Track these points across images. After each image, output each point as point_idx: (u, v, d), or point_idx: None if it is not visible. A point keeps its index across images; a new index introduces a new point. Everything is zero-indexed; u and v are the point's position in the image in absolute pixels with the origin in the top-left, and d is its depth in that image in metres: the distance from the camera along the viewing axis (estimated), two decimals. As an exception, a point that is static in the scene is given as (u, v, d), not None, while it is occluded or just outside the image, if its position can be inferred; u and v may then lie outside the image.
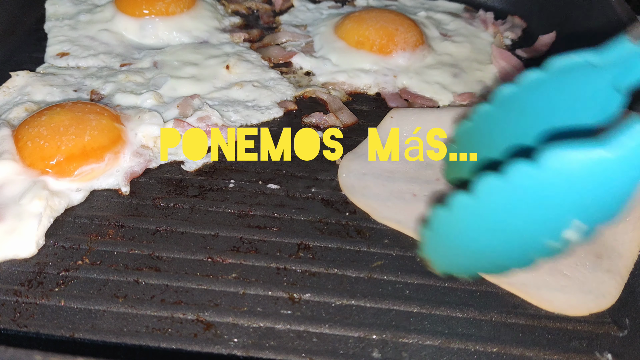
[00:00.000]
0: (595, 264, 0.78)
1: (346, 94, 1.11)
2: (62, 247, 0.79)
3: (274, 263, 0.79)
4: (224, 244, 0.81)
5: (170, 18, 1.19)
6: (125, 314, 0.72)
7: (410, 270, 0.79)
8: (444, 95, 1.10)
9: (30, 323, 0.70)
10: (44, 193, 0.81)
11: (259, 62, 1.14)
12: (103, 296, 0.73)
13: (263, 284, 0.76)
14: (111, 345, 0.69)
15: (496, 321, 0.74)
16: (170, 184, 0.89)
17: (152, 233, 0.82)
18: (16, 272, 0.76)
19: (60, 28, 1.18)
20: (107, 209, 0.85)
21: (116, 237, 0.81)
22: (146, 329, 0.70)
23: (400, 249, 0.82)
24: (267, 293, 0.75)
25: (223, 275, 0.77)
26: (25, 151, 0.84)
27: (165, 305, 0.73)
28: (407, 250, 0.81)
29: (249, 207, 0.86)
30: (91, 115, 0.88)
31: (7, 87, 1.01)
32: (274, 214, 0.85)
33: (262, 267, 0.78)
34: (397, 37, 1.16)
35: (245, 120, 1.01)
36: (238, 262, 0.78)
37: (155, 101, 1.00)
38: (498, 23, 1.31)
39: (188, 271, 0.77)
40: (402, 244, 0.82)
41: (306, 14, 1.32)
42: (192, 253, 0.79)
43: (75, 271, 0.76)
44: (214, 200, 0.87)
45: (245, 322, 0.72)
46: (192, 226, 0.83)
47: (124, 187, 0.87)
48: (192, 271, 0.77)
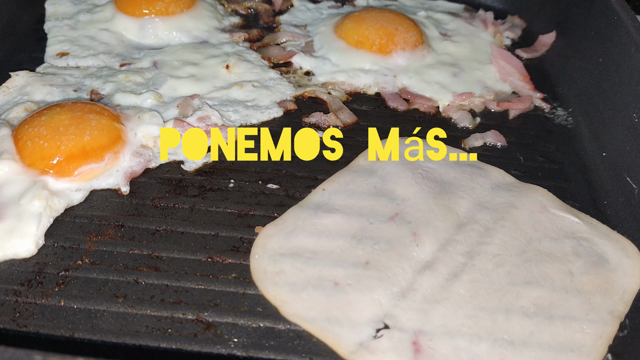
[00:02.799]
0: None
1: (346, 93, 1.10)
2: (61, 247, 0.79)
3: (274, 263, 0.78)
4: (224, 244, 0.81)
5: (170, 18, 1.19)
6: (125, 314, 0.71)
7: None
8: (443, 95, 1.10)
9: (30, 323, 0.70)
10: (44, 193, 0.81)
11: (258, 61, 1.14)
12: (103, 296, 0.73)
13: (263, 284, 0.76)
14: (111, 345, 0.69)
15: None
16: (170, 183, 0.89)
17: (152, 233, 0.82)
18: (16, 272, 0.76)
19: (60, 28, 1.18)
20: (106, 209, 0.85)
21: (116, 237, 0.81)
22: (146, 329, 0.70)
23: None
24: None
25: (223, 275, 0.77)
26: (25, 151, 0.84)
27: (165, 305, 0.73)
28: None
29: (249, 207, 0.86)
30: (91, 115, 0.88)
31: (6, 87, 1.01)
32: (274, 213, 0.85)
33: (262, 267, 0.78)
34: (397, 36, 1.16)
35: (245, 120, 1.01)
36: (238, 262, 0.78)
37: (155, 101, 1.00)
38: (498, 23, 1.31)
39: (188, 271, 0.77)
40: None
41: (306, 13, 1.32)
42: (192, 253, 0.79)
43: (75, 271, 0.76)
44: (214, 200, 0.87)
45: (245, 322, 0.72)
46: (192, 226, 0.83)
47: (124, 187, 0.87)
48: (192, 271, 0.77)
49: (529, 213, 0.85)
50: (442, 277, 0.75)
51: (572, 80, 1.14)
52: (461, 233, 0.81)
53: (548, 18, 1.30)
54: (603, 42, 1.06)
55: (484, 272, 0.76)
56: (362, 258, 0.77)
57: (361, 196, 0.86)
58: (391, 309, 0.72)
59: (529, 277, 0.76)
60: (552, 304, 0.74)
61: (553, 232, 0.83)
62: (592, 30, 1.11)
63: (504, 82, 1.15)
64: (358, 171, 0.91)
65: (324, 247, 0.78)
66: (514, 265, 0.78)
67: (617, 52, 1.01)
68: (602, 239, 0.82)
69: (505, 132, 1.04)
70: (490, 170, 0.93)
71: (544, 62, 1.24)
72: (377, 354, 0.68)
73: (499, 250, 0.79)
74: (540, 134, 1.06)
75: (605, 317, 0.73)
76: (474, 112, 1.09)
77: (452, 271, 0.76)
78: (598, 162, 0.99)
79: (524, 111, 1.10)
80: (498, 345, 0.69)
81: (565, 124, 1.09)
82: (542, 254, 0.79)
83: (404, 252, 0.78)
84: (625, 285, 0.77)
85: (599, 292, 0.76)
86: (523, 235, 0.82)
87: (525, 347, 0.69)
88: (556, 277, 0.77)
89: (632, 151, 0.92)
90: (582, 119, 1.07)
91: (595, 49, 1.08)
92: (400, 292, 0.74)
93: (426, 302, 0.73)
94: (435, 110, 1.09)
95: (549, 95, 1.14)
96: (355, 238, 0.80)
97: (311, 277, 0.75)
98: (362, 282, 0.75)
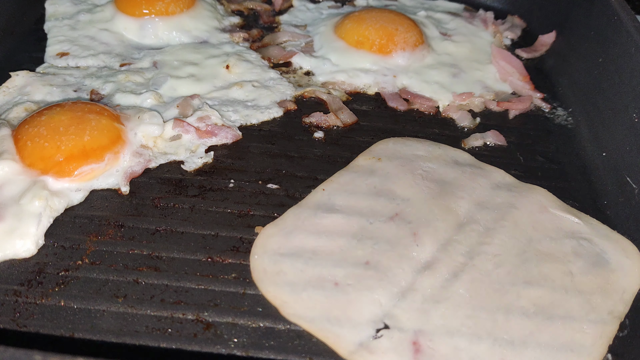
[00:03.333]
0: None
1: (346, 93, 1.10)
2: (61, 247, 0.79)
3: (274, 263, 0.78)
4: (224, 244, 0.81)
5: (170, 18, 1.18)
6: (125, 314, 0.71)
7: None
8: (443, 95, 1.10)
9: (30, 323, 0.70)
10: (44, 193, 0.81)
11: (258, 61, 1.14)
12: (103, 296, 0.73)
13: (263, 284, 0.76)
14: (111, 345, 0.69)
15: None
16: (170, 183, 0.89)
17: (152, 233, 0.82)
18: (16, 272, 0.76)
19: (60, 28, 1.18)
20: (106, 209, 0.85)
21: (116, 237, 0.81)
22: (146, 329, 0.70)
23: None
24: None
25: (223, 275, 0.77)
26: (25, 151, 0.84)
27: (165, 305, 0.73)
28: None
29: (249, 207, 0.86)
30: (91, 115, 0.88)
31: (6, 87, 1.01)
32: (274, 213, 0.85)
33: (262, 267, 0.78)
34: (397, 36, 1.16)
35: (245, 120, 1.01)
36: (238, 262, 0.78)
37: (155, 101, 1.00)
38: (498, 23, 1.31)
39: (188, 271, 0.77)
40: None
41: (306, 13, 1.32)
42: (191, 253, 0.79)
43: (75, 271, 0.76)
44: (213, 200, 0.87)
45: (245, 322, 0.72)
46: (191, 226, 0.83)
47: (124, 187, 0.87)
48: (192, 271, 0.77)
49: (529, 213, 0.85)
50: (442, 277, 0.76)
51: (572, 80, 1.14)
52: (461, 233, 0.81)
53: (548, 18, 1.30)
54: (603, 42, 1.06)
55: (484, 272, 0.76)
56: (362, 258, 0.77)
57: (361, 196, 0.86)
58: (391, 309, 0.72)
59: (529, 277, 0.76)
60: (552, 304, 0.74)
61: (553, 232, 0.83)
62: (592, 30, 1.11)
63: (504, 82, 1.15)
64: (358, 171, 0.91)
65: (324, 247, 0.78)
66: (514, 265, 0.78)
67: (617, 52, 1.01)
68: (601, 239, 0.82)
69: (505, 132, 1.04)
70: (490, 171, 0.93)
71: (544, 62, 1.24)
72: (377, 354, 0.68)
73: (499, 250, 0.79)
74: (540, 134, 1.06)
75: (605, 317, 0.73)
76: (474, 112, 1.09)
77: (452, 271, 0.76)
78: (598, 162, 0.99)
79: (524, 111, 1.10)
80: (498, 345, 0.69)
81: (565, 124, 1.09)
82: (542, 254, 0.79)
83: (404, 252, 0.78)
84: (625, 286, 0.77)
85: (598, 292, 0.76)
86: (523, 235, 0.82)
87: (525, 347, 0.70)
88: (556, 277, 0.77)
89: (632, 151, 0.92)
90: (582, 119, 1.07)
91: (595, 49, 1.08)
92: (400, 292, 0.74)
93: (426, 302, 0.73)
94: (435, 110, 1.09)
95: (549, 95, 1.14)
96: (355, 238, 0.80)
97: (311, 277, 0.75)
98: (362, 282, 0.75)
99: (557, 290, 0.75)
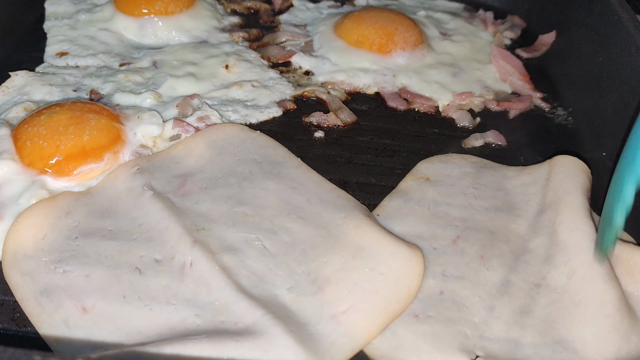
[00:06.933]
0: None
1: (345, 93, 1.10)
2: (61, 246, 0.79)
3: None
4: (223, 243, 0.81)
5: (169, 17, 1.18)
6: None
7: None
8: (443, 95, 1.10)
9: (30, 323, 0.70)
10: (43, 192, 0.80)
11: (258, 61, 1.14)
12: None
13: (262, 284, 0.76)
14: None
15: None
16: (170, 183, 0.89)
17: (152, 233, 0.81)
18: (15, 271, 0.75)
19: (60, 27, 1.18)
20: (106, 209, 0.85)
21: (115, 236, 0.81)
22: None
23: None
24: (266, 293, 0.75)
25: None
26: (24, 151, 0.84)
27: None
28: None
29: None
30: (90, 114, 0.88)
31: (6, 86, 1.01)
32: (273, 213, 0.85)
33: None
34: (397, 36, 1.16)
35: (245, 119, 1.01)
36: (237, 262, 0.78)
37: (155, 101, 1.00)
38: (498, 22, 1.31)
39: (187, 271, 0.77)
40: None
41: (306, 13, 1.32)
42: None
43: (75, 271, 0.76)
44: (213, 199, 0.87)
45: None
46: (191, 226, 0.83)
47: (123, 186, 0.87)
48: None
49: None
50: (520, 302, 0.72)
51: (572, 80, 1.14)
52: (527, 253, 0.78)
53: (548, 18, 1.30)
54: (603, 41, 1.06)
55: (560, 290, 0.73)
56: (435, 287, 0.74)
57: (418, 220, 0.83)
58: (478, 340, 0.69)
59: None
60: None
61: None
62: (592, 30, 1.11)
63: (504, 82, 1.15)
64: (409, 193, 0.87)
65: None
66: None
67: (617, 52, 1.01)
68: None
69: (505, 131, 1.04)
70: (537, 176, 0.89)
71: (544, 62, 1.24)
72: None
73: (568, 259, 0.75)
74: (540, 134, 1.06)
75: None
76: (474, 111, 1.09)
77: (528, 294, 0.73)
78: (598, 162, 0.99)
79: (524, 111, 1.10)
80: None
81: (565, 123, 1.09)
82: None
83: (475, 278, 0.75)
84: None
85: None
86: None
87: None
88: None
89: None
90: (582, 119, 1.07)
91: (595, 49, 1.08)
92: (482, 321, 0.71)
93: (511, 330, 0.70)
94: (435, 110, 1.08)
95: (549, 95, 1.14)
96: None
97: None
98: (443, 314, 0.71)
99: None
